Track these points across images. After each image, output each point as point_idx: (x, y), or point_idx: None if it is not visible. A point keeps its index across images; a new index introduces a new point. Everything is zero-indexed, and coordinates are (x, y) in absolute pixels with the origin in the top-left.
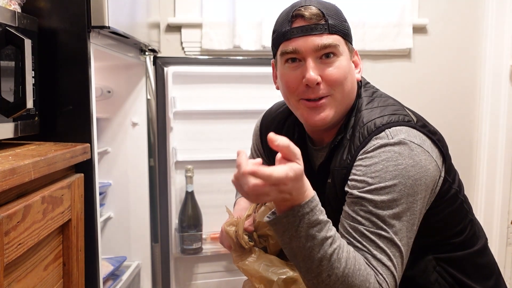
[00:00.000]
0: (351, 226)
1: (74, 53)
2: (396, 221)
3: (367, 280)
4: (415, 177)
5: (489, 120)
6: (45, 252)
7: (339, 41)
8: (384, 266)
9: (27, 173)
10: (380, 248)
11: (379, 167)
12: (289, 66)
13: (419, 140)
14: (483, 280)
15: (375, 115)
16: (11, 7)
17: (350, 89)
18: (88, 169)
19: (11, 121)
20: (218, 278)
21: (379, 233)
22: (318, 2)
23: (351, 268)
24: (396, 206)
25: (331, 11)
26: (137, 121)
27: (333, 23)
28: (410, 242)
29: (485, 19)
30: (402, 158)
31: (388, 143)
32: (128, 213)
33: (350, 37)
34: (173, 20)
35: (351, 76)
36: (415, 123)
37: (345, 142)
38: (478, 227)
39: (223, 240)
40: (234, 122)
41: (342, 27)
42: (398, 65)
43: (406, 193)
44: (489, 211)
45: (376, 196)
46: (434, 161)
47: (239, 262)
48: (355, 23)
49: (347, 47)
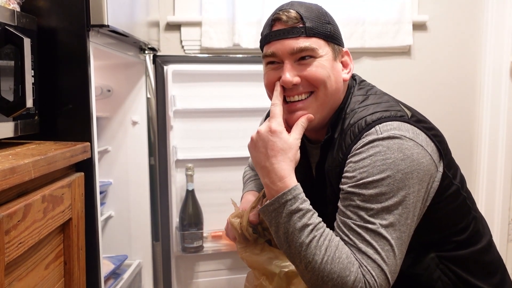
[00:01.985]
0: (341, 221)
1: (74, 52)
2: (386, 215)
3: (347, 268)
4: (405, 170)
5: (490, 116)
6: (46, 251)
7: (318, 43)
8: (370, 258)
9: (27, 172)
10: (366, 241)
11: (367, 162)
12: (270, 68)
13: (412, 134)
14: (487, 278)
15: (367, 112)
16: (10, 6)
17: (335, 88)
18: (89, 168)
19: (11, 120)
20: (219, 276)
21: (366, 226)
22: (301, 5)
23: (330, 256)
24: (386, 200)
25: (311, 14)
26: (137, 120)
27: (312, 26)
28: (404, 237)
29: (485, 15)
30: (390, 152)
31: (377, 138)
32: (129, 212)
33: (335, 38)
34: (172, 18)
35: (334, 76)
36: (409, 118)
37: (336, 141)
38: (482, 223)
39: (228, 232)
40: (234, 120)
41: (323, 29)
42: (398, 62)
43: (396, 186)
44: (490, 208)
45: (364, 190)
46: (429, 155)
47: (243, 254)
48: (355, 20)
49: (331, 48)
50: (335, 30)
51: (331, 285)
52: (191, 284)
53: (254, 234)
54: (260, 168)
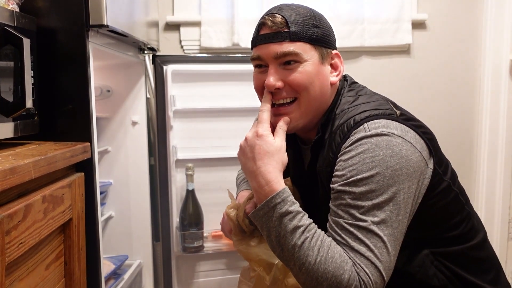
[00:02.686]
0: (333, 220)
1: (73, 52)
2: (377, 212)
3: (341, 267)
4: (394, 167)
5: (490, 114)
6: (47, 252)
7: (303, 47)
8: (363, 256)
9: (28, 172)
10: (359, 239)
11: (356, 160)
12: (257, 71)
13: (400, 131)
14: (482, 274)
15: (356, 111)
16: (9, 6)
17: (319, 93)
18: (89, 168)
19: (11, 121)
20: (220, 276)
21: (357, 224)
22: (289, 9)
23: (323, 256)
24: (376, 197)
25: (298, 18)
26: (137, 120)
27: (296, 30)
28: (396, 233)
29: (484, 14)
30: (379, 149)
31: (365, 136)
32: (129, 212)
33: (323, 41)
34: (171, 18)
35: (319, 80)
36: (397, 116)
37: (326, 142)
38: (477, 220)
39: (224, 225)
40: (234, 120)
41: (309, 34)
42: (398, 61)
43: (385, 183)
44: (490, 206)
45: (354, 188)
46: (418, 152)
47: (240, 246)
48: (354, 19)
49: (317, 52)
50: (324, 33)
51: (326, 285)
52: (191, 284)
53: (251, 225)
54: (249, 173)
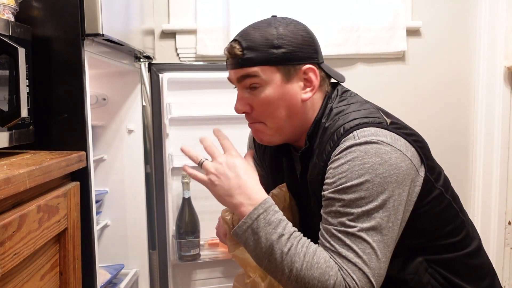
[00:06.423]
0: (324, 228)
1: (69, 61)
2: (367, 218)
3: (326, 273)
4: (383, 174)
5: (484, 121)
6: (42, 262)
7: (262, 70)
8: (350, 262)
9: (22, 182)
10: (347, 246)
11: (346, 167)
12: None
13: (390, 139)
14: (477, 281)
15: (346, 120)
16: (4, 16)
17: (286, 115)
18: (84, 177)
19: (5, 130)
20: (217, 284)
21: (346, 231)
22: (247, 34)
23: (309, 262)
24: (366, 204)
25: (254, 42)
26: (133, 128)
27: (251, 56)
28: (387, 240)
29: (478, 21)
30: (368, 157)
31: (354, 144)
32: (125, 221)
33: (287, 60)
34: (167, 26)
35: (284, 102)
36: (387, 125)
37: (314, 152)
38: (471, 227)
39: (219, 229)
40: (229, 128)
41: (267, 56)
42: (393, 68)
43: (375, 190)
44: (486, 212)
45: (344, 195)
46: (408, 160)
47: (235, 251)
48: (349, 27)
49: (280, 72)
50: (288, 52)
51: None
52: None
53: None
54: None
